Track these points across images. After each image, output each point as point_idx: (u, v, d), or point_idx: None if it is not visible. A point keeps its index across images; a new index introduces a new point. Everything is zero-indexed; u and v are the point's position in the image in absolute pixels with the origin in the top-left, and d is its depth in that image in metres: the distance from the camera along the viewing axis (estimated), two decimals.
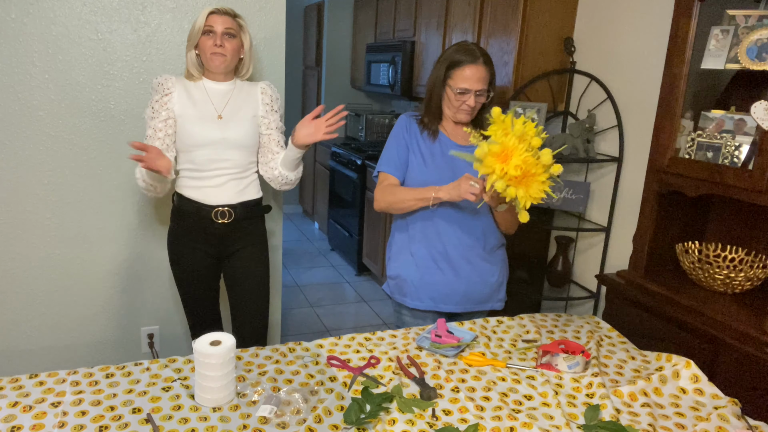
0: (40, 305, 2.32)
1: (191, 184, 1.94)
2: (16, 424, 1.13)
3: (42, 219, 2.24)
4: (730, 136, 1.88)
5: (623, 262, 2.52)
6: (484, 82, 1.71)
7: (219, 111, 1.92)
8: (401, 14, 4.20)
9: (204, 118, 1.90)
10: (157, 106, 1.89)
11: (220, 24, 1.84)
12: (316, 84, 5.55)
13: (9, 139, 2.13)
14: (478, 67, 1.70)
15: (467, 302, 1.84)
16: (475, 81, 1.70)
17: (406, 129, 1.84)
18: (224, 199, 1.95)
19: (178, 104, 1.90)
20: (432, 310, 1.85)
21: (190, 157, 1.91)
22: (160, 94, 1.89)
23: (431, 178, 1.77)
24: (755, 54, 1.78)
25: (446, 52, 1.76)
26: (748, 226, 2.07)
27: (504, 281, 1.92)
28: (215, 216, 1.93)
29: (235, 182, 1.96)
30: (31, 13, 2.07)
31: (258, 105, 2.00)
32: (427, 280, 1.82)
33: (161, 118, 1.88)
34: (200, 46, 1.87)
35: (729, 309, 1.84)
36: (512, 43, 2.81)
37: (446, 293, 1.82)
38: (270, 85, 2.03)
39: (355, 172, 4.28)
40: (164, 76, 1.92)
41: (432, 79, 1.78)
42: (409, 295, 1.86)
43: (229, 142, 1.91)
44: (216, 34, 1.84)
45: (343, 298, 3.99)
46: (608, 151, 2.69)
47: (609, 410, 1.27)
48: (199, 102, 1.92)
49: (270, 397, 1.25)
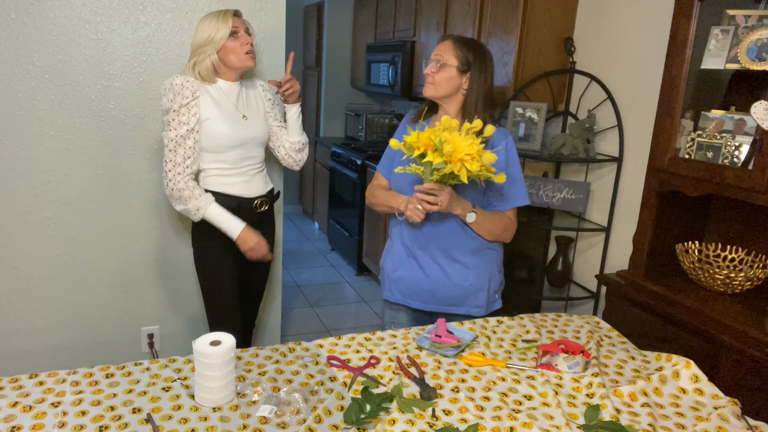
0: (40, 305, 2.32)
1: (223, 181, 2.01)
2: (16, 424, 1.13)
3: (42, 219, 2.24)
4: (730, 136, 1.89)
5: (623, 262, 2.52)
6: (448, 53, 1.73)
7: (242, 111, 2.01)
8: (401, 14, 4.20)
9: (232, 119, 1.97)
10: (184, 111, 1.88)
11: (241, 25, 1.94)
12: (316, 84, 5.55)
13: (9, 139, 2.13)
14: (446, 42, 1.75)
15: (434, 302, 1.84)
16: (437, 51, 1.74)
17: (403, 128, 1.87)
18: (258, 191, 2.09)
19: (205, 107, 1.92)
20: (402, 303, 1.90)
21: (221, 158, 1.97)
22: (188, 98, 1.88)
23: (400, 178, 1.81)
24: (755, 54, 1.78)
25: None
26: (748, 226, 2.07)
27: (485, 288, 1.84)
28: (256, 206, 2.08)
29: (260, 174, 2.11)
30: (31, 13, 2.07)
31: (264, 102, 2.13)
32: (399, 274, 1.87)
33: (191, 126, 1.89)
34: (226, 48, 1.91)
35: (729, 309, 1.84)
36: (512, 43, 2.81)
37: (413, 290, 1.86)
38: (262, 81, 2.20)
39: (355, 172, 4.28)
40: (184, 77, 1.90)
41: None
42: (385, 287, 1.94)
43: (256, 140, 2.04)
44: (242, 34, 1.92)
45: (343, 298, 3.99)
46: (608, 151, 2.69)
47: (609, 410, 1.27)
48: (221, 103, 1.96)
49: (270, 397, 1.25)
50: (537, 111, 2.75)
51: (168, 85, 1.89)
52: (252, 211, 2.07)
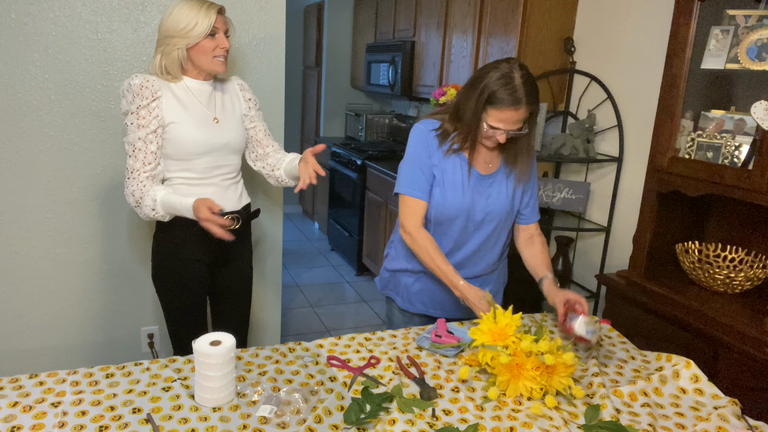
0: (40, 305, 2.32)
1: (190, 192, 1.76)
2: (16, 424, 1.13)
3: (42, 219, 2.24)
4: (730, 136, 1.89)
5: (623, 262, 2.52)
6: (522, 120, 1.55)
7: (212, 113, 1.79)
8: (401, 14, 4.20)
9: (201, 123, 1.75)
10: (144, 113, 1.67)
11: (222, 24, 1.72)
12: (316, 84, 5.55)
13: (9, 139, 2.13)
14: (518, 110, 1.51)
15: (458, 310, 1.81)
16: (512, 123, 1.54)
17: (426, 146, 1.66)
18: (230, 206, 1.84)
19: (168, 109, 1.70)
20: (422, 313, 1.84)
21: (188, 166, 1.76)
22: (147, 99, 1.67)
23: (453, 204, 1.67)
24: (755, 54, 1.78)
25: (488, 78, 1.52)
26: (748, 226, 2.07)
27: (501, 290, 1.88)
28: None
29: (234, 187, 1.87)
30: (31, 13, 2.07)
31: (241, 102, 1.90)
32: (420, 287, 1.80)
33: (151, 129, 1.68)
34: (200, 46, 1.69)
35: (729, 309, 1.84)
36: (512, 43, 2.81)
37: (438, 301, 1.80)
38: (241, 79, 1.97)
39: (355, 172, 4.28)
40: (143, 76, 1.69)
41: (470, 104, 1.56)
42: (401, 296, 1.84)
43: (230, 147, 1.81)
44: (221, 36, 1.71)
45: (343, 298, 3.99)
46: (608, 151, 2.69)
47: (609, 410, 1.27)
48: (188, 105, 1.75)
49: (270, 397, 1.25)
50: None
51: (126, 86, 1.69)
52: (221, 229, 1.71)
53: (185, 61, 1.73)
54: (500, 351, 1.32)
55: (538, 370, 1.30)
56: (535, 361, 1.30)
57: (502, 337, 1.37)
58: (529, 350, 1.29)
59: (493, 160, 1.70)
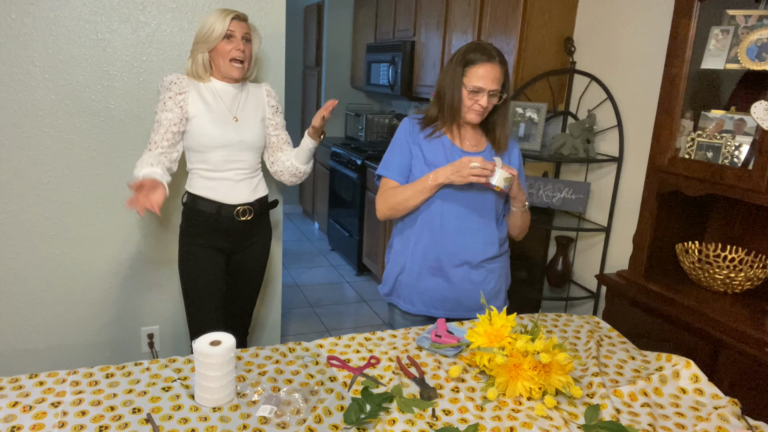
0: (40, 305, 2.32)
1: (206, 184, 1.98)
2: (16, 424, 1.13)
3: (42, 219, 2.24)
4: (730, 136, 1.89)
5: (623, 262, 2.53)
6: (498, 82, 1.66)
7: (233, 113, 1.98)
8: (401, 14, 4.20)
9: (220, 120, 1.94)
10: (170, 103, 1.89)
11: (239, 29, 1.89)
12: (316, 84, 5.55)
13: (9, 139, 2.13)
14: (494, 65, 1.65)
15: (460, 309, 1.81)
16: (490, 80, 1.65)
17: (409, 133, 1.78)
18: (242, 198, 2.02)
19: (192, 105, 1.92)
20: (424, 314, 1.84)
21: (205, 158, 1.95)
22: (174, 92, 1.90)
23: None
24: (755, 54, 1.78)
25: (459, 50, 1.70)
26: (748, 226, 2.07)
27: (503, 288, 1.88)
28: (237, 214, 2.01)
29: (248, 181, 2.03)
30: (31, 13, 2.07)
31: (265, 107, 2.08)
32: (421, 286, 1.80)
33: (173, 114, 1.89)
34: (218, 50, 1.89)
35: (729, 309, 1.84)
36: (512, 43, 2.81)
37: (439, 300, 1.80)
38: (271, 87, 2.13)
39: (355, 172, 4.28)
40: (176, 75, 1.93)
41: (448, 79, 1.70)
42: (402, 298, 1.85)
43: (245, 144, 1.98)
44: (237, 40, 1.89)
45: (343, 298, 3.99)
46: (608, 151, 2.69)
47: (609, 410, 1.27)
48: (212, 103, 1.95)
49: (270, 397, 1.25)
50: (537, 111, 2.75)
51: (161, 81, 1.95)
52: (233, 219, 2.01)
53: (208, 64, 1.95)
54: (497, 352, 1.32)
55: (535, 370, 1.30)
56: (532, 361, 1.30)
57: (498, 339, 1.37)
58: (524, 350, 1.30)
59: (479, 141, 1.79)
